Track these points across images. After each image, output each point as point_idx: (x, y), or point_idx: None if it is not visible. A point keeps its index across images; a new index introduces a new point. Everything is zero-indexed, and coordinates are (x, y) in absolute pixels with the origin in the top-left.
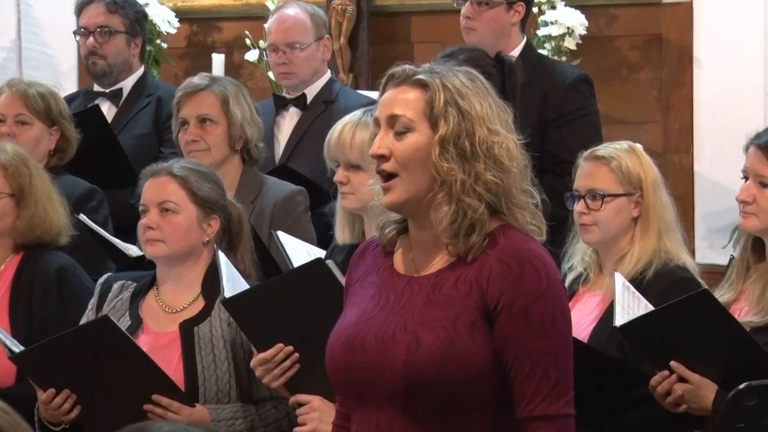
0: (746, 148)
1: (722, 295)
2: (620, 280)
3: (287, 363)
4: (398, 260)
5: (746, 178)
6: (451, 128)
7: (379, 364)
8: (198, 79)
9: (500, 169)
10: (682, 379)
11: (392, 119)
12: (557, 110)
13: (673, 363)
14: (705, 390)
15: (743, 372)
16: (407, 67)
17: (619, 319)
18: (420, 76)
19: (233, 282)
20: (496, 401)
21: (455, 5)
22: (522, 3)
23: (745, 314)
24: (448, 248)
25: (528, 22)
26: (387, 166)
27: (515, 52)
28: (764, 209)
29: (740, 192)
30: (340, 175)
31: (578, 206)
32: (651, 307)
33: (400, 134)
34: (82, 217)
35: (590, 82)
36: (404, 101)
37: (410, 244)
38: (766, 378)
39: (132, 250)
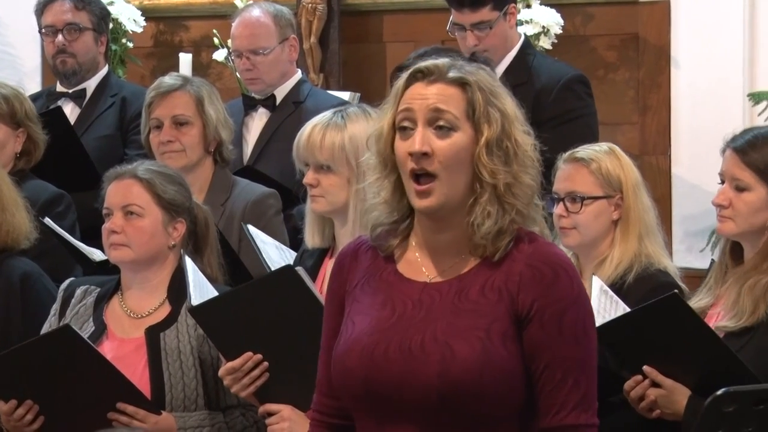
0: (722, 151)
1: (700, 299)
2: (597, 284)
3: (256, 372)
4: (403, 264)
5: (723, 181)
6: (496, 130)
7: (409, 377)
8: (170, 79)
9: (533, 171)
10: (655, 384)
11: (434, 115)
12: (550, 111)
13: (646, 368)
14: (678, 395)
15: (716, 377)
16: (438, 62)
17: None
18: (457, 74)
19: (200, 288)
20: (523, 410)
21: (450, 35)
22: (513, 4)
23: (720, 319)
24: (473, 250)
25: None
26: (430, 166)
27: (513, 51)
28: (741, 213)
29: (716, 196)
30: (309, 177)
31: (557, 209)
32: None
33: (443, 132)
34: (47, 220)
35: (586, 82)
36: (445, 98)
37: (419, 247)
38: (738, 383)
39: (96, 255)
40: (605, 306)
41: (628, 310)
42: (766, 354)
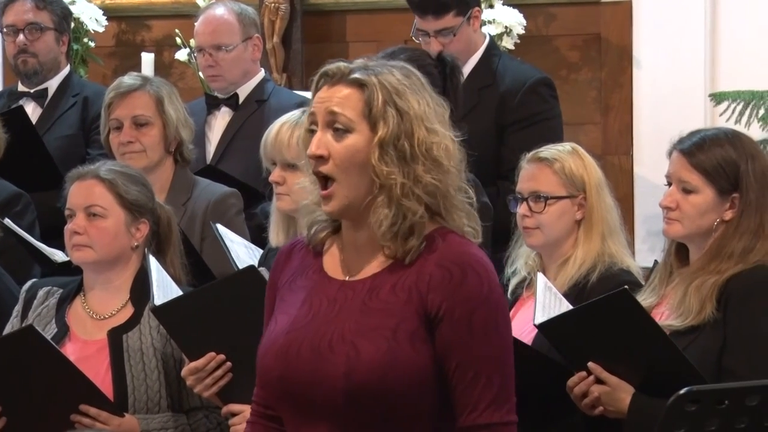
0: (669, 153)
1: (645, 299)
2: (542, 281)
3: (219, 372)
4: (329, 262)
5: (670, 183)
6: (390, 130)
7: (317, 376)
8: (130, 79)
9: (439, 170)
10: (599, 381)
11: (331, 118)
12: (515, 114)
13: (590, 364)
14: (622, 392)
15: (662, 375)
16: (342, 64)
17: (539, 317)
18: (356, 75)
19: (164, 288)
20: (437, 410)
21: (413, 38)
22: (477, 8)
23: (666, 318)
24: (385, 251)
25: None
26: (325, 169)
27: (478, 53)
28: (688, 215)
29: (663, 198)
30: (275, 175)
31: (521, 209)
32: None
33: (339, 134)
34: (7, 221)
35: (551, 84)
36: (342, 100)
37: (342, 245)
38: (684, 382)
39: (57, 256)
40: (550, 302)
41: (571, 307)
42: (711, 353)
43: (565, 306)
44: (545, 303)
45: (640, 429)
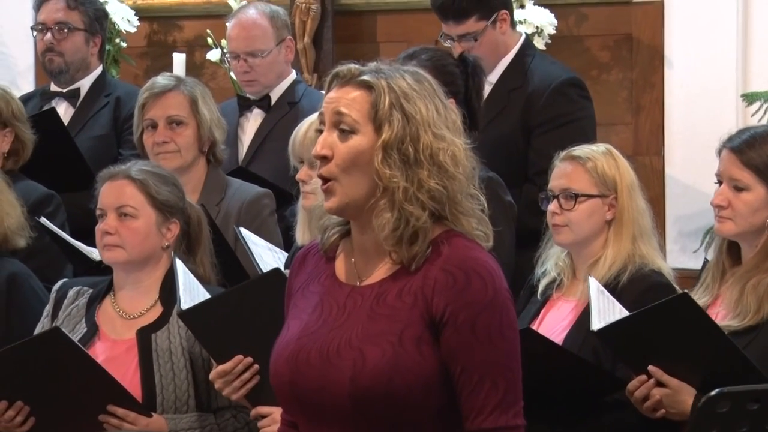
0: (719, 152)
1: (698, 299)
2: (595, 285)
3: (247, 375)
4: (340, 267)
5: (720, 182)
6: (395, 133)
7: (325, 382)
8: (164, 80)
9: (445, 176)
10: (660, 384)
11: (337, 118)
12: (540, 116)
13: (651, 367)
14: (684, 395)
15: (722, 376)
16: (353, 66)
17: (596, 323)
18: (365, 77)
19: (190, 291)
20: (445, 414)
21: (441, 41)
22: (504, 10)
23: (722, 318)
24: (392, 255)
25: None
26: (325, 171)
27: (510, 55)
28: (740, 213)
29: (715, 197)
30: (302, 173)
31: (551, 206)
32: (625, 312)
33: (344, 135)
34: (43, 220)
35: (579, 84)
36: (349, 101)
37: (352, 249)
38: (745, 382)
39: (95, 254)
40: (604, 306)
41: (624, 309)
42: None
43: (619, 308)
44: (600, 308)
45: None
